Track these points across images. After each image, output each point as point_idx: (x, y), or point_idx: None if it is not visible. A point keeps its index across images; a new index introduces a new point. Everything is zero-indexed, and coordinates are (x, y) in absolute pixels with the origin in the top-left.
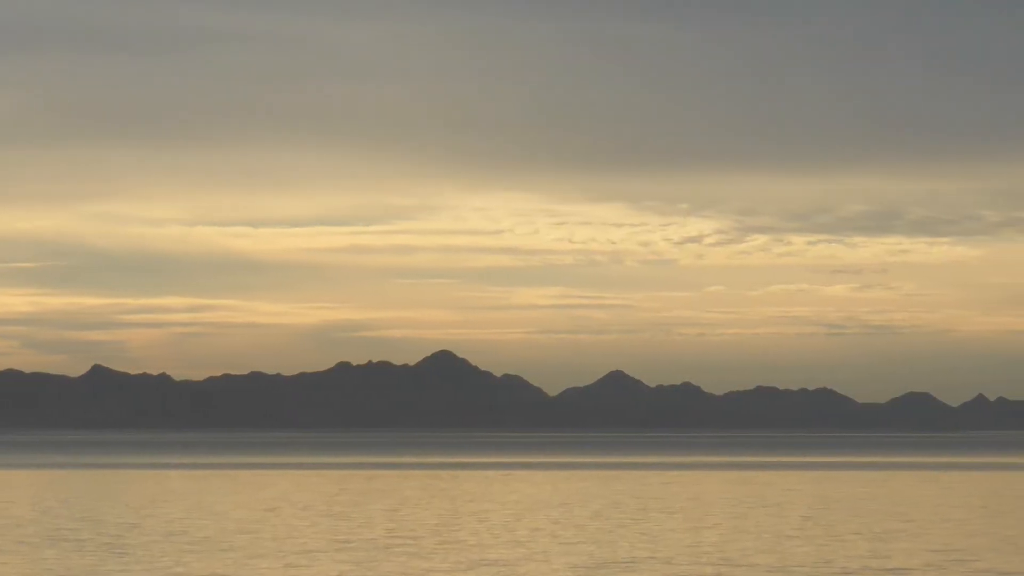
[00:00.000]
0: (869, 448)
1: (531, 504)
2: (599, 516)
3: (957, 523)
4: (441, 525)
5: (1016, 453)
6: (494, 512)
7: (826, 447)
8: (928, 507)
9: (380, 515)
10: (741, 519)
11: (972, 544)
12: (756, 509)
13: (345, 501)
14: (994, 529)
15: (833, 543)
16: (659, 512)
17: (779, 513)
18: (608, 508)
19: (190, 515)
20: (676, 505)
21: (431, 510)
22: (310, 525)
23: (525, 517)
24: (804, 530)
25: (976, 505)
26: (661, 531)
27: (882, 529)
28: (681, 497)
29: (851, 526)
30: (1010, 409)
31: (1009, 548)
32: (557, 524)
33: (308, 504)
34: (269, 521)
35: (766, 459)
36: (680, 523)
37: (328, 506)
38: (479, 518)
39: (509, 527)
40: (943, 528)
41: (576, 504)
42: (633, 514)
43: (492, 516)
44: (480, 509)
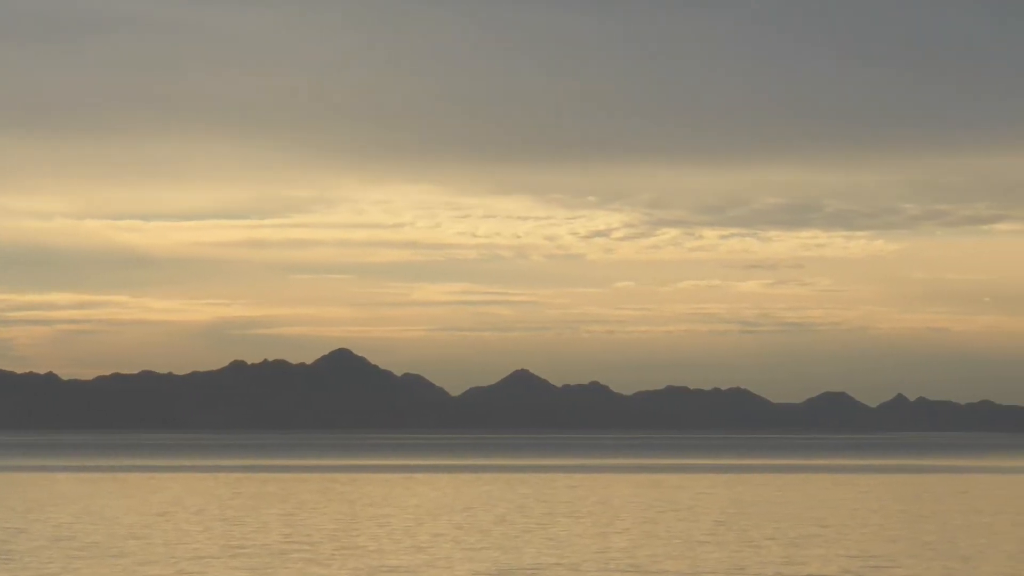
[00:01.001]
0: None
1: (433, 508)
2: (503, 521)
3: (875, 528)
4: (339, 530)
5: (937, 455)
6: (394, 517)
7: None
8: (845, 511)
9: (276, 520)
10: (651, 524)
11: (891, 550)
12: (667, 513)
13: (239, 505)
14: (913, 534)
15: (746, 549)
16: (566, 517)
17: (691, 518)
18: (513, 513)
19: (79, 520)
20: (583, 509)
21: (329, 515)
22: (203, 530)
23: (426, 522)
24: (716, 535)
25: (895, 509)
26: (568, 536)
27: (797, 534)
28: (589, 501)
29: (765, 531)
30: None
31: (929, 554)
32: (460, 529)
33: (201, 508)
34: (161, 526)
35: (677, 461)
36: (588, 528)
37: (222, 510)
38: (379, 523)
39: (410, 532)
40: (861, 533)
41: (480, 508)
42: (539, 519)
43: (392, 521)
44: (380, 514)
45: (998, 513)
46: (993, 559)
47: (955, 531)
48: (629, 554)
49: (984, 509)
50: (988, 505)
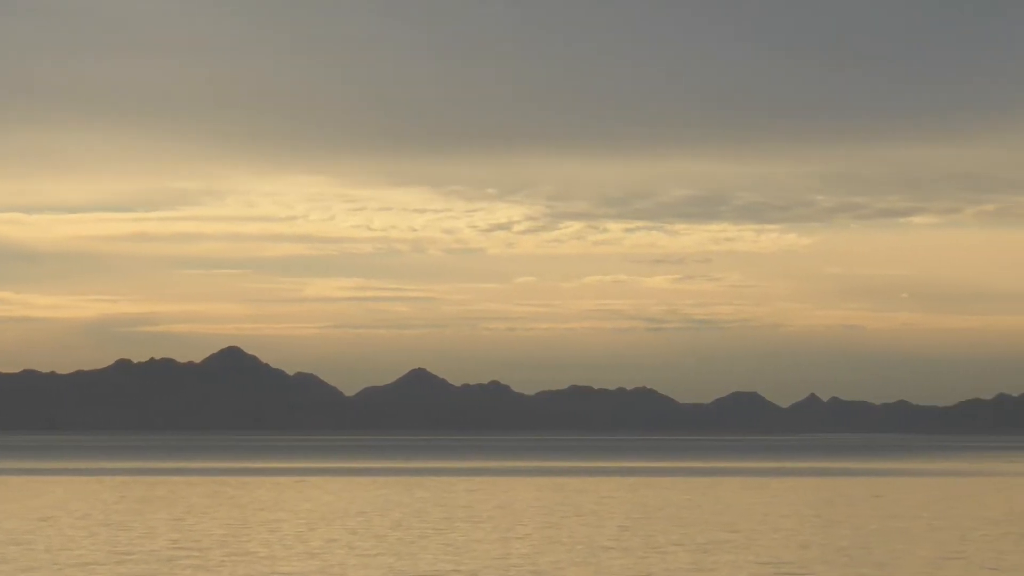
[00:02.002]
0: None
1: (326, 513)
2: (400, 526)
3: (787, 533)
4: (229, 535)
5: (851, 457)
6: (286, 522)
7: (645, 451)
8: (756, 516)
9: (163, 525)
10: (553, 529)
11: (803, 556)
12: (569, 518)
13: (125, 510)
14: (827, 540)
15: (652, 555)
16: (465, 521)
17: (594, 522)
18: (410, 517)
19: None
20: (483, 514)
21: (218, 519)
22: (88, 536)
23: (320, 527)
24: (621, 541)
25: (807, 514)
26: (467, 542)
27: (706, 540)
28: (488, 505)
29: (672, 536)
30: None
31: (843, 560)
32: (354, 535)
33: (86, 513)
34: (43, 531)
35: (581, 464)
36: (487, 533)
37: (107, 515)
38: (270, 528)
39: (302, 538)
40: (772, 539)
41: (375, 513)
42: (437, 524)
43: (284, 526)
44: (271, 518)
45: (914, 518)
46: (909, 565)
47: (870, 537)
48: (530, 560)
49: (900, 514)
50: (904, 510)
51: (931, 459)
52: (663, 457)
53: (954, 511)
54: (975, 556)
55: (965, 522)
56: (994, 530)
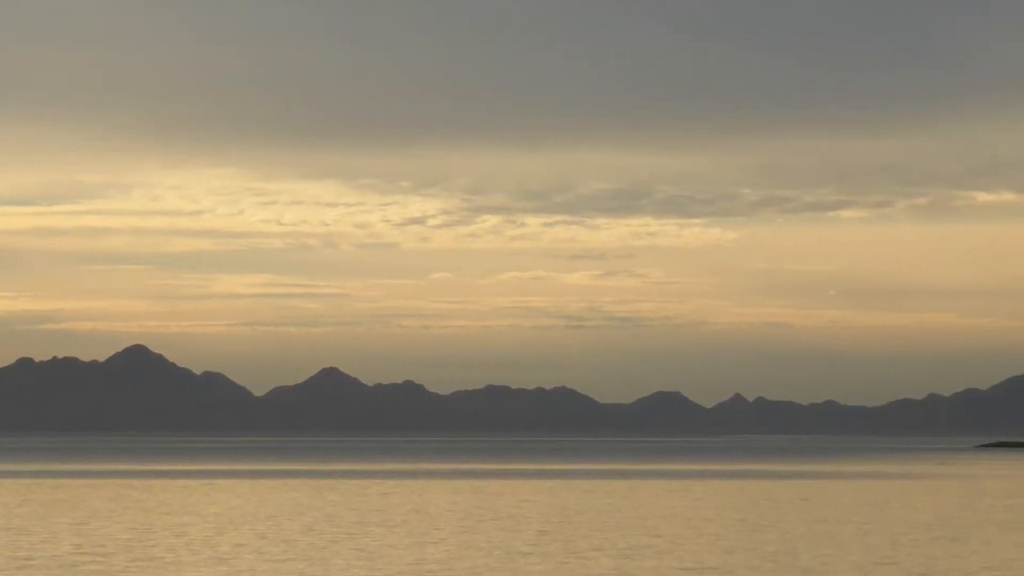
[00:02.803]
0: (613, 454)
1: (235, 517)
2: (311, 530)
3: (711, 538)
4: (134, 540)
5: (777, 459)
6: (193, 526)
7: (565, 453)
8: (679, 520)
9: (66, 529)
10: (470, 533)
11: (728, 561)
12: (486, 522)
13: (27, 514)
14: (752, 544)
15: (572, 560)
16: (378, 526)
17: (512, 527)
18: (321, 521)
19: None
20: (397, 518)
21: (123, 523)
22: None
23: (228, 531)
24: (540, 546)
25: (732, 518)
26: (380, 547)
27: (627, 545)
28: (403, 509)
29: (593, 541)
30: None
31: (769, 565)
32: (264, 539)
33: None
34: None
35: (498, 466)
36: (401, 538)
37: (8, 519)
38: (176, 532)
39: (210, 543)
40: (696, 544)
41: (285, 517)
42: (349, 528)
43: (191, 530)
44: (178, 523)
45: (843, 522)
46: (838, 571)
47: (797, 541)
48: (446, 566)
49: (828, 517)
50: (832, 513)
51: (860, 461)
52: (583, 459)
53: (884, 515)
54: (906, 561)
55: (895, 526)
56: (925, 534)
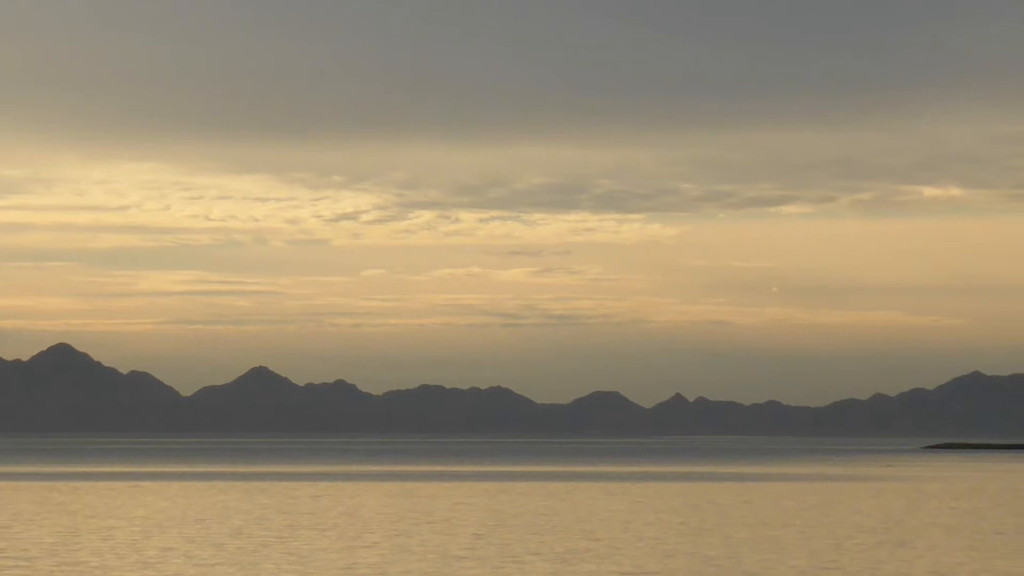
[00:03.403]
0: (550, 456)
1: (162, 520)
2: (240, 534)
3: (651, 542)
4: (59, 544)
5: (718, 461)
6: (120, 529)
7: (501, 454)
8: (618, 523)
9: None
10: (403, 537)
11: (668, 566)
12: (420, 526)
13: None
14: (693, 548)
15: (509, 564)
16: (309, 529)
17: (447, 530)
18: (251, 525)
19: None
20: (328, 521)
21: (47, 527)
22: None
23: (155, 535)
24: (475, 550)
25: (673, 521)
26: (311, 551)
27: (565, 549)
28: (334, 512)
29: (529, 545)
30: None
31: (710, 570)
32: (192, 543)
33: None
34: None
35: (432, 468)
36: (333, 542)
37: None
38: (102, 536)
39: (136, 547)
40: (635, 548)
41: (214, 520)
42: (279, 531)
43: (117, 534)
44: (103, 526)
45: (786, 525)
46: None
47: (739, 545)
48: (379, 570)
49: (770, 521)
50: (775, 516)
51: (803, 462)
52: (519, 461)
53: (828, 518)
54: (850, 566)
55: (839, 530)
56: (870, 538)
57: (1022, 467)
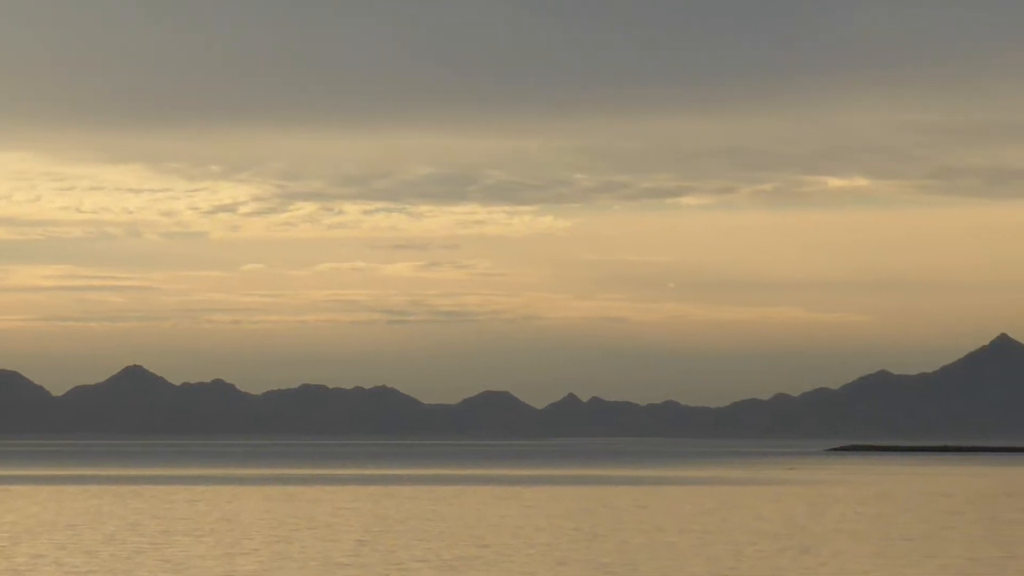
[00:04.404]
0: (438, 458)
1: (32, 526)
2: (113, 540)
3: (543, 548)
4: None
5: (613, 464)
6: None
7: (386, 457)
8: (508, 529)
9: None
10: (284, 543)
11: (561, 573)
12: (302, 531)
13: None
14: (587, 555)
15: (394, 572)
16: (185, 535)
17: (330, 536)
18: (124, 530)
19: None
20: (205, 527)
21: None
22: None
23: (24, 541)
24: (359, 556)
25: (566, 527)
26: (187, 558)
27: (453, 556)
28: (212, 517)
29: (415, 552)
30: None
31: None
32: (63, 550)
33: None
34: None
35: (314, 472)
36: (210, 548)
37: None
38: None
39: (5, 553)
40: (526, 555)
41: (86, 526)
42: (154, 537)
43: None
44: None
45: (683, 531)
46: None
47: (634, 552)
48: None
49: (667, 526)
50: (672, 521)
51: (702, 465)
52: (406, 464)
53: (727, 523)
54: (750, 573)
55: (739, 536)
56: (771, 544)
57: (930, 470)
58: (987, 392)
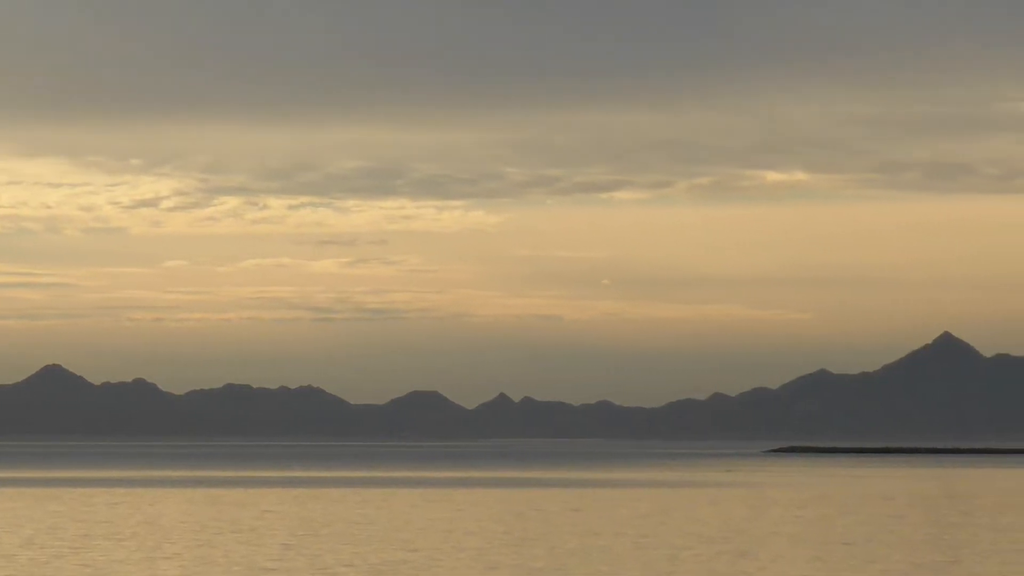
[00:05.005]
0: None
1: None
2: (31, 544)
3: (473, 553)
4: None
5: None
6: None
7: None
8: (438, 533)
9: None
10: (207, 547)
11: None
12: (225, 535)
13: None
14: (519, 560)
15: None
16: (106, 539)
17: (254, 540)
18: (42, 534)
19: None
20: (126, 530)
21: None
22: None
23: None
24: (285, 561)
25: (497, 530)
26: (108, 562)
27: (380, 560)
28: (133, 520)
29: (342, 556)
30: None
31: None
32: None
33: None
34: None
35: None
36: (131, 552)
37: None
38: None
39: None
40: (456, 559)
41: (3, 529)
42: (73, 541)
43: None
44: None
45: (618, 535)
46: None
47: (568, 556)
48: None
49: (602, 530)
50: (606, 525)
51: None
52: (332, 466)
53: (663, 527)
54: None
55: (675, 539)
56: (708, 548)
57: (871, 472)
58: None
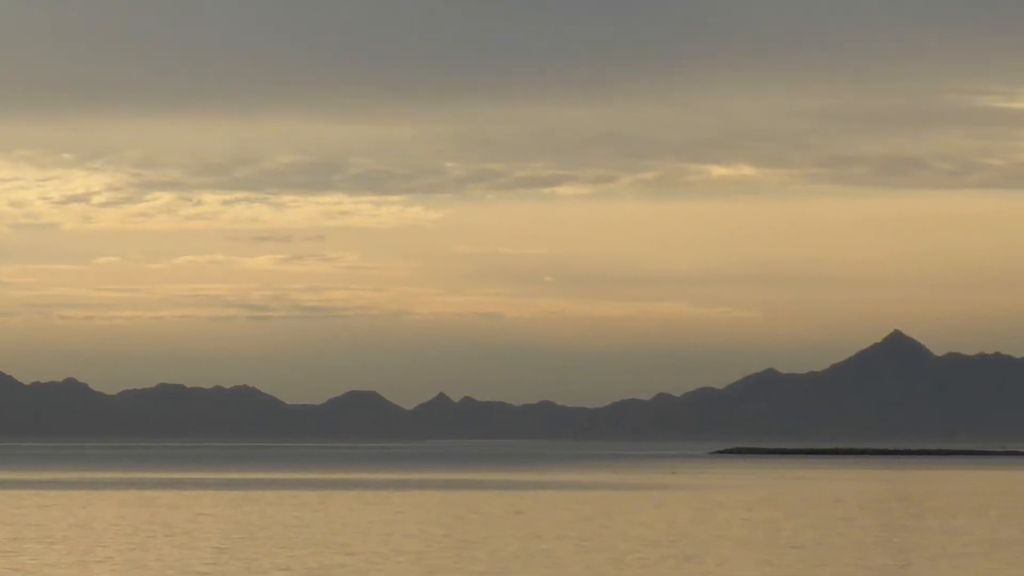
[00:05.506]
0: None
1: None
2: None
3: (413, 556)
4: None
5: (487, 467)
6: None
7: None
8: (376, 536)
9: None
10: (139, 551)
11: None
12: (158, 539)
13: None
14: (459, 563)
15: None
16: (36, 542)
17: (188, 543)
18: None
19: None
20: (57, 534)
21: None
22: None
23: None
24: (219, 565)
25: (437, 533)
26: (38, 566)
27: (318, 564)
28: (63, 524)
29: (278, 560)
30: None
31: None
32: None
33: None
34: None
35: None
36: (62, 556)
37: None
38: None
39: None
40: (395, 563)
41: None
42: (3, 545)
43: None
44: None
45: (560, 538)
46: None
47: (509, 560)
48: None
49: (544, 533)
50: (548, 528)
51: (580, 469)
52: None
53: (607, 530)
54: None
55: (619, 543)
56: (653, 552)
57: (820, 474)
58: (879, 392)
